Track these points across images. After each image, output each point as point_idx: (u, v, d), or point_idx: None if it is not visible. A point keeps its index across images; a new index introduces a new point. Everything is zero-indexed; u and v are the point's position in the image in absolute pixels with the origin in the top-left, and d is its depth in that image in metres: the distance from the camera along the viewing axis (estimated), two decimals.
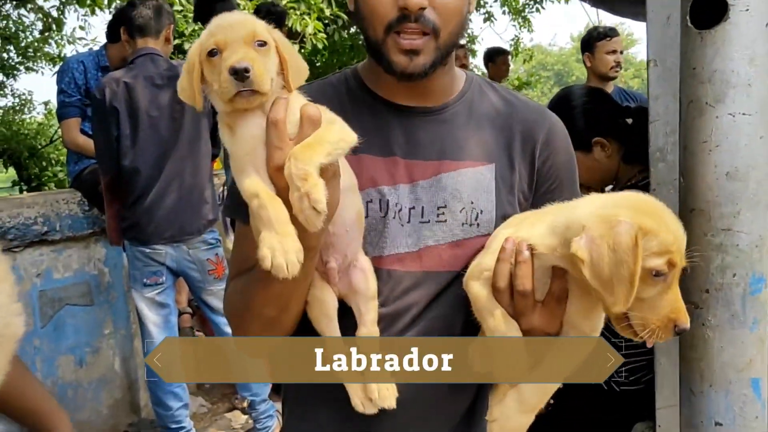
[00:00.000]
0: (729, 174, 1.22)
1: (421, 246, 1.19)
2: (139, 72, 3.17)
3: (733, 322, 1.25)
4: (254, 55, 1.00)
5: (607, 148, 2.12)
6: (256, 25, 1.04)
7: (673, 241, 0.95)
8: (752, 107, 1.20)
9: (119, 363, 3.86)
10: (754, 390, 1.26)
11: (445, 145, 1.22)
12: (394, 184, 1.20)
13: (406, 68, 1.14)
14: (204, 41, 1.02)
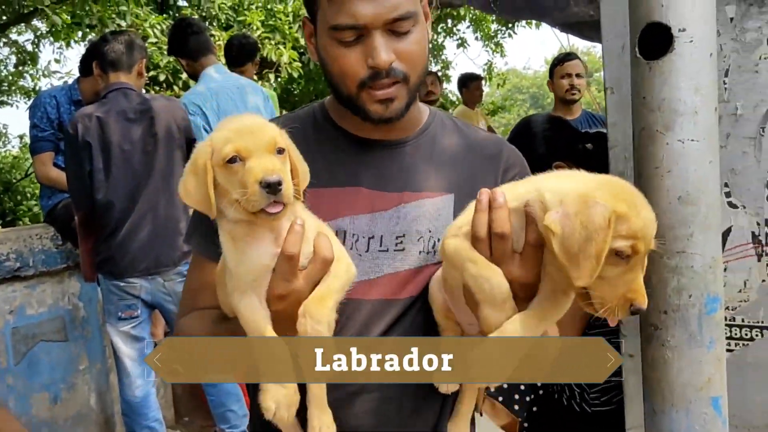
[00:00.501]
0: (681, 198, 1.26)
1: (379, 274, 1.22)
2: (112, 106, 3.18)
3: (690, 342, 1.28)
4: (280, 165, 1.00)
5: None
6: (275, 131, 1.03)
7: (641, 228, 0.98)
8: (700, 134, 1.25)
9: (95, 398, 3.81)
10: (714, 408, 1.29)
11: (407, 177, 1.26)
12: (353, 215, 1.23)
13: (383, 115, 1.20)
14: (219, 146, 0.99)
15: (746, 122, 1.60)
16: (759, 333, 1.64)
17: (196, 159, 1.02)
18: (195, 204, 1.03)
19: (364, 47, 1.15)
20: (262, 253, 1.02)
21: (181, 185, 1.03)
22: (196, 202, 1.03)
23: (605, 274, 0.98)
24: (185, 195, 1.03)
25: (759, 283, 1.63)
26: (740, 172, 1.61)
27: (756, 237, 1.61)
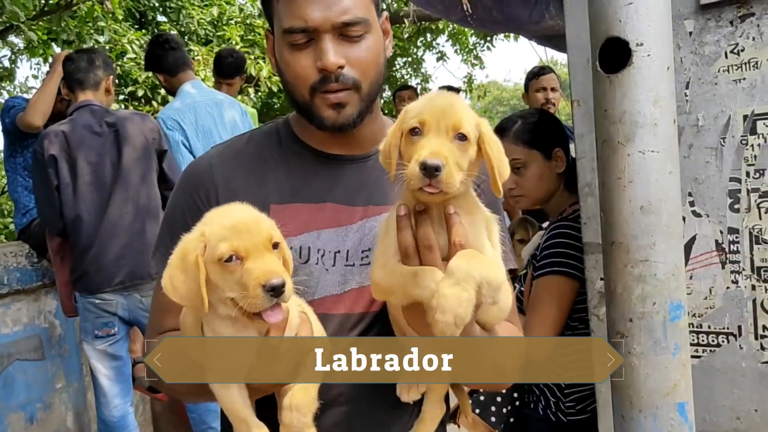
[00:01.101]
0: (643, 208, 1.29)
1: (346, 289, 1.23)
2: (77, 122, 3.21)
3: (656, 349, 1.30)
4: (279, 263, 0.98)
5: (560, 163, 2.20)
6: (269, 224, 1.01)
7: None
8: (659, 145, 1.28)
9: (72, 418, 3.76)
10: (680, 414, 1.31)
11: (371, 191, 1.28)
12: (318, 229, 1.24)
13: (336, 121, 1.21)
14: (213, 243, 0.96)
15: (707, 133, 1.63)
16: (725, 339, 1.67)
17: (185, 254, 0.97)
18: (181, 300, 0.99)
19: (315, 51, 1.18)
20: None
21: (167, 279, 0.99)
22: (183, 299, 0.99)
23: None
24: (171, 290, 0.99)
25: (724, 291, 1.66)
26: (703, 182, 1.65)
27: (719, 245, 1.65)
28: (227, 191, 1.25)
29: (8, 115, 3.71)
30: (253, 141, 1.33)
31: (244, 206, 1.04)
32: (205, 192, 1.26)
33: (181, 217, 1.26)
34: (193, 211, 1.24)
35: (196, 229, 1.00)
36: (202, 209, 1.21)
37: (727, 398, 1.68)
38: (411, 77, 12.06)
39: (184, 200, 1.28)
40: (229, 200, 1.21)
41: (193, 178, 1.30)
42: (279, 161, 1.29)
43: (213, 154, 1.33)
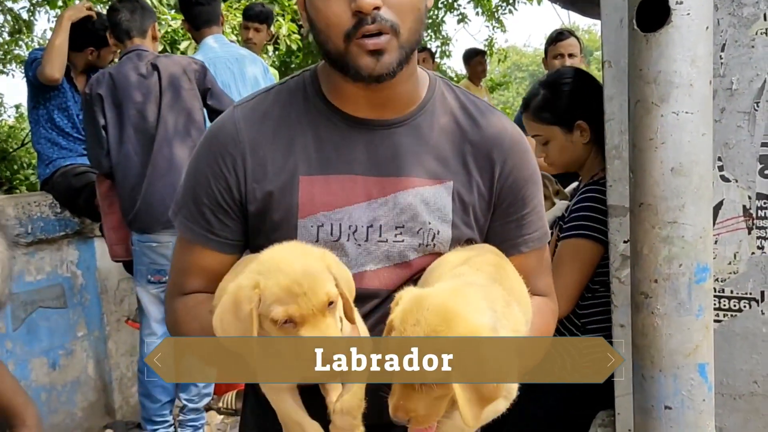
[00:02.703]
0: (674, 170, 1.28)
1: (380, 266, 1.20)
2: (124, 65, 3.25)
3: (680, 310, 1.31)
4: (335, 330, 0.96)
5: (585, 134, 2.18)
6: (327, 283, 0.98)
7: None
8: (694, 106, 1.26)
9: (93, 365, 3.86)
10: (701, 374, 1.32)
11: (404, 161, 1.21)
12: (348, 205, 1.19)
13: (374, 70, 1.12)
14: (268, 301, 0.94)
15: (741, 97, 1.62)
16: (747, 304, 1.67)
17: (239, 302, 0.96)
18: (231, 344, 0.99)
19: None
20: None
21: (218, 319, 0.98)
22: (233, 344, 0.99)
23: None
24: (221, 332, 0.98)
25: (749, 256, 1.66)
26: (734, 146, 1.64)
27: (747, 210, 1.64)
28: (254, 159, 1.20)
29: (31, 67, 3.72)
30: (279, 100, 1.25)
31: (304, 256, 1.00)
32: (231, 159, 1.21)
33: (206, 183, 1.22)
34: (219, 179, 1.21)
35: (251, 275, 0.97)
36: (228, 177, 1.20)
37: (746, 362, 1.69)
38: (431, 39, 11.91)
39: (209, 166, 1.22)
40: (256, 170, 1.20)
41: (219, 143, 1.23)
42: (307, 126, 1.22)
43: (239, 117, 1.24)
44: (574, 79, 2.27)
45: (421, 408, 0.98)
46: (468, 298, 1.01)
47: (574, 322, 2.14)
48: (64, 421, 3.70)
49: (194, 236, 1.24)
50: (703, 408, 1.33)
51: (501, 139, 1.27)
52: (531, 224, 1.30)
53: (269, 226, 1.21)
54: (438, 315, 0.96)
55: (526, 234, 1.29)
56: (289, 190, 1.19)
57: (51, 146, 3.77)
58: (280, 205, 1.19)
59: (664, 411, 1.34)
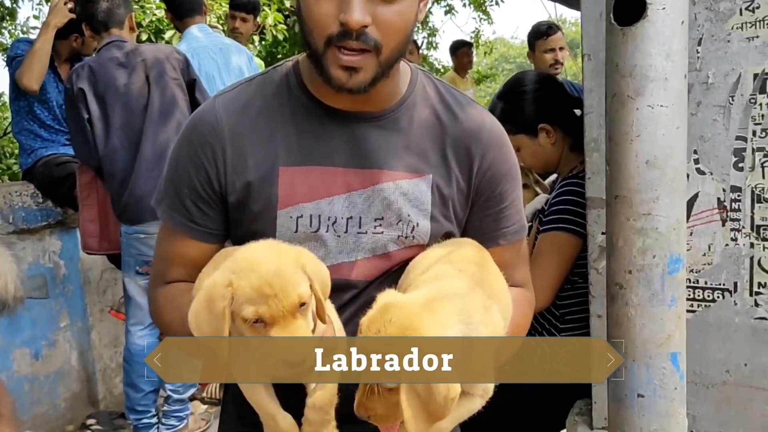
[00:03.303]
0: (649, 162, 1.30)
1: (358, 257, 1.21)
2: (104, 56, 3.21)
3: (653, 301, 1.33)
4: (305, 331, 0.97)
5: (551, 135, 2.20)
6: (300, 285, 0.98)
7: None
8: (669, 99, 1.28)
9: (76, 356, 3.84)
10: (673, 363, 1.35)
11: (384, 154, 1.21)
12: (328, 196, 1.19)
13: (345, 84, 1.12)
14: (240, 301, 0.95)
15: (717, 91, 1.64)
16: (720, 295, 1.70)
17: (212, 299, 0.97)
18: (204, 341, 1.01)
19: (342, 1, 1.07)
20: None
21: (193, 315, 0.99)
22: (207, 341, 1.00)
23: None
24: (196, 328, 0.99)
25: (722, 248, 1.69)
26: (709, 140, 1.66)
27: (721, 202, 1.67)
28: (234, 150, 1.20)
29: (11, 65, 3.69)
30: (261, 91, 1.25)
31: (279, 257, 1.00)
32: (211, 150, 1.20)
33: (186, 174, 1.22)
34: (200, 170, 1.21)
35: (225, 273, 0.98)
36: (208, 169, 1.20)
37: (719, 352, 1.73)
38: (418, 30, 11.89)
39: (189, 158, 1.22)
40: (236, 161, 1.20)
41: (199, 134, 1.22)
42: (288, 117, 1.22)
43: (219, 107, 1.23)
44: (529, 84, 2.29)
45: (380, 409, 1.00)
46: (436, 313, 1.01)
47: (553, 314, 2.16)
48: (47, 411, 3.69)
49: (176, 225, 1.24)
50: (674, 396, 1.36)
51: (480, 133, 1.27)
52: (509, 218, 1.31)
53: (249, 216, 1.21)
54: (398, 328, 0.97)
55: (503, 227, 1.31)
56: (269, 181, 1.19)
57: (33, 137, 3.74)
58: (259, 196, 1.19)
59: (637, 399, 1.36)
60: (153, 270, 1.32)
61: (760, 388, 1.70)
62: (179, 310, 1.16)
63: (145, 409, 3.35)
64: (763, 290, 1.66)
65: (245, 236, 1.20)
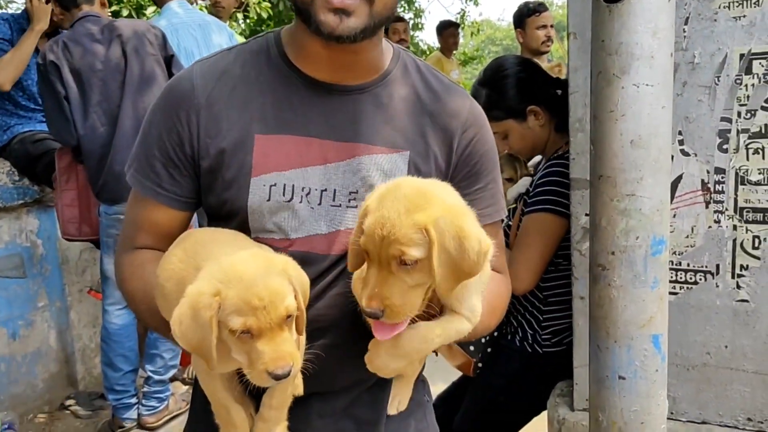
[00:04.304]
0: (633, 142, 1.29)
1: (331, 230, 1.19)
2: (79, 31, 3.14)
3: (635, 282, 1.32)
4: (291, 343, 0.96)
5: (540, 116, 2.19)
6: (287, 297, 0.96)
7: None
8: (655, 78, 1.26)
9: (55, 336, 3.80)
10: (654, 345, 1.34)
11: (362, 127, 1.20)
12: (303, 166, 1.17)
13: (335, 29, 1.08)
14: (227, 311, 0.93)
15: (702, 71, 1.62)
16: (702, 277, 1.70)
17: (198, 309, 0.93)
18: (191, 349, 0.97)
19: None
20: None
21: (176, 323, 0.95)
22: (192, 348, 0.97)
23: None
24: (180, 336, 0.95)
25: (705, 230, 1.68)
26: (694, 120, 1.65)
27: (705, 184, 1.66)
28: (209, 115, 1.18)
29: None
30: (240, 59, 1.23)
31: (267, 267, 0.98)
32: (185, 114, 1.19)
33: (158, 136, 1.20)
34: (172, 132, 1.19)
35: (213, 282, 0.95)
36: (180, 131, 1.18)
37: (700, 334, 1.73)
38: (403, 10, 11.80)
39: (162, 120, 1.21)
40: (210, 126, 1.17)
41: (174, 98, 1.21)
42: (266, 86, 1.20)
43: (197, 73, 1.22)
44: (510, 68, 2.27)
45: (396, 296, 0.95)
46: (447, 188, 1.03)
47: (536, 296, 2.16)
48: (24, 391, 3.65)
49: (144, 189, 1.22)
50: (656, 378, 1.35)
51: (460, 112, 1.26)
52: (484, 200, 1.29)
53: (221, 184, 1.19)
54: (418, 193, 0.96)
55: (479, 209, 1.23)
56: (243, 148, 1.17)
57: (8, 114, 3.66)
58: (233, 163, 1.17)
59: (618, 381, 1.36)
60: (121, 234, 1.30)
61: (739, 370, 1.70)
62: (143, 280, 1.16)
63: (123, 389, 3.34)
64: (745, 273, 1.66)
65: (217, 205, 1.19)
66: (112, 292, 3.29)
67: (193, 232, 1.19)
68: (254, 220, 1.17)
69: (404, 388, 1.30)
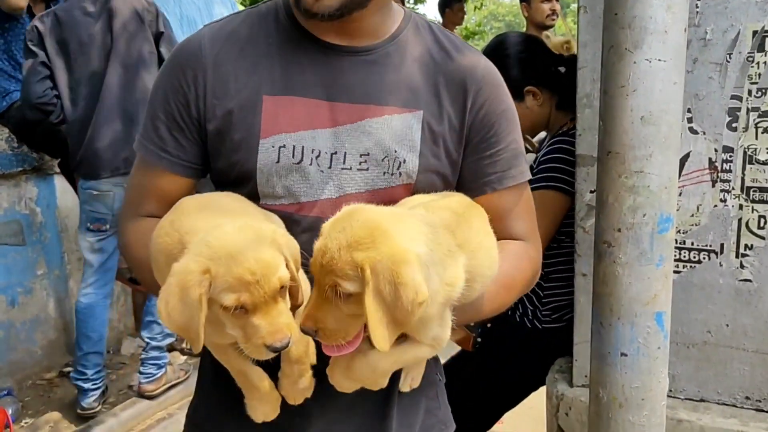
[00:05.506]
0: (644, 118, 1.27)
1: (341, 194, 1.16)
2: (72, 3, 3.11)
3: (641, 260, 1.32)
4: (287, 314, 0.93)
5: (538, 96, 2.17)
6: (280, 267, 0.93)
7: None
8: (667, 54, 1.24)
9: (53, 304, 3.81)
10: (657, 323, 1.34)
11: (372, 88, 1.18)
12: (312, 128, 1.15)
13: (311, 7, 1.09)
14: (218, 288, 0.90)
15: (714, 47, 1.60)
16: (706, 256, 1.70)
17: (187, 287, 0.90)
18: (177, 330, 0.93)
19: None
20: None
21: (162, 303, 0.91)
22: (178, 329, 0.93)
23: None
24: (166, 316, 0.91)
25: (711, 208, 1.67)
26: (704, 98, 1.63)
27: (712, 163, 1.65)
28: (216, 76, 1.17)
29: None
30: (249, 21, 1.22)
31: (257, 241, 0.95)
32: (192, 75, 1.17)
33: (163, 98, 1.19)
34: (178, 94, 1.17)
35: (201, 260, 0.91)
36: (186, 92, 1.16)
37: (701, 312, 1.73)
38: None
39: (169, 82, 1.19)
40: (217, 86, 1.16)
41: (181, 59, 1.20)
42: (274, 47, 1.19)
43: (205, 34, 1.21)
44: (511, 46, 2.23)
45: (330, 321, 0.94)
46: (406, 224, 0.95)
47: None
48: (23, 358, 3.66)
49: (147, 153, 1.21)
50: (658, 355, 1.36)
51: (474, 70, 1.23)
52: (505, 161, 1.24)
53: (229, 146, 1.17)
54: (366, 228, 0.91)
55: (499, 171, 1.24)
56: (251, 109, 1.15)
57: (8, 78, 3.62)
58: (241, 124, 1.15)
59: (620, 358, 1.36)
60: (125, 200, 1.28)
61: (739, 349, 1.71)
62: (146, 248, 1.13)
63: (82, 371, 3.29)
64: (749, 252, 1.65)
65: (226, 169, 1.17)
66: (85, 269, 3.30)
67: (183, 201, 1.16)
68: (263, 183, 1.15)
69: (417, 366, 1.27)
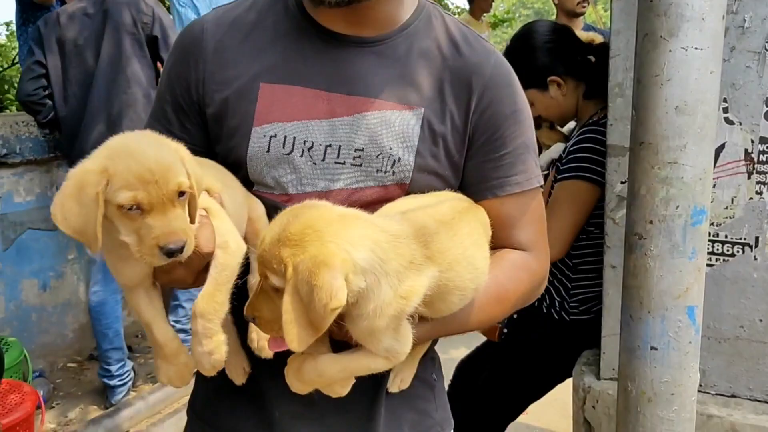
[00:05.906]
0: (678, 108, 1.24)
1: (335, 187, 1.13)
2: (76, 5, 3.18)
3: (673, 252, 1.29)
4: (184, 220, 0.92)
5: (562, 87, 2.15)
6: (179, 171, 0.92)
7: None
8: (704, 42, 1.21)
9: (83, 288, 3.87)
10: (689, 317, 1.32)
11: (374, 81, 1.13)
12: (308, 119, 1.12)
13: None
14: (116, 186, 0.88)
15: (752, 36, 1.56)
16: (740, 249, 1.66)
17: (83, 186, 0.89)
18: (72, 232, 0.91)
19: None
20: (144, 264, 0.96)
21: (57, 207, 0.90)
22: (75, 232, 0.91)
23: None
24: (62, 220, 0.90)
25: (746, 201, 1.64)
26: (740, 87, 1.59)
27: (748, 154, 1.61)
28: (216, 61, 1.15)
29: None
30: (256, 7, 1.20)
31: (158, 145, 0.94)
32: (194, 59, 1.16)
33: (169, 81, 1.19)
34: (180, 77, 1.17)
35: (98, 160, 0.91)
36: (188, 76, 1.16)
37: (734, 307, 1.70)
38: None
39: (173, 64, 1.20)
40: (217, 71, 1.15)
41: (183, 44, 1.19)
42: (280, 35, 1.16)
43: (209, 18, 1.20)
44: (539, 36, 2.21)
45: (265, 311, 0.94)
46: (351, 229, 0.92)
47: (566, 263, 2.13)
48: (54, 341, 3.74)
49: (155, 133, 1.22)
50: (688, 350, 1.33)
51: (483, 67, 1.16)
52: (509, 166, 1.17)
53: (226, 132, 1.16)
54: (301, 226, 0.90)
55: (503, 176, 1.17)
56: (248, 97, 1.14)
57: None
58: (237, 111, 1.14)
59: (649, 351, 1.34)
60: None
61: None
62: None
63: (106, 368, 3.35)
64: None
65: (223, 155, 1.17)
66: (91, 268, 3.35)
67: None
68: (253, 172, 1.14)
69: (408, 365, 1.21)
